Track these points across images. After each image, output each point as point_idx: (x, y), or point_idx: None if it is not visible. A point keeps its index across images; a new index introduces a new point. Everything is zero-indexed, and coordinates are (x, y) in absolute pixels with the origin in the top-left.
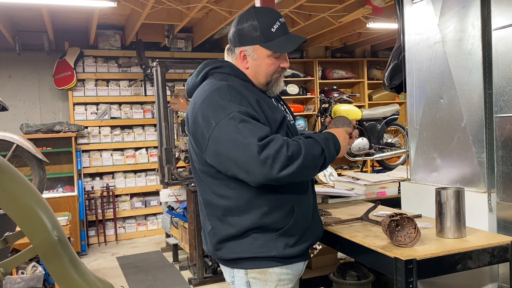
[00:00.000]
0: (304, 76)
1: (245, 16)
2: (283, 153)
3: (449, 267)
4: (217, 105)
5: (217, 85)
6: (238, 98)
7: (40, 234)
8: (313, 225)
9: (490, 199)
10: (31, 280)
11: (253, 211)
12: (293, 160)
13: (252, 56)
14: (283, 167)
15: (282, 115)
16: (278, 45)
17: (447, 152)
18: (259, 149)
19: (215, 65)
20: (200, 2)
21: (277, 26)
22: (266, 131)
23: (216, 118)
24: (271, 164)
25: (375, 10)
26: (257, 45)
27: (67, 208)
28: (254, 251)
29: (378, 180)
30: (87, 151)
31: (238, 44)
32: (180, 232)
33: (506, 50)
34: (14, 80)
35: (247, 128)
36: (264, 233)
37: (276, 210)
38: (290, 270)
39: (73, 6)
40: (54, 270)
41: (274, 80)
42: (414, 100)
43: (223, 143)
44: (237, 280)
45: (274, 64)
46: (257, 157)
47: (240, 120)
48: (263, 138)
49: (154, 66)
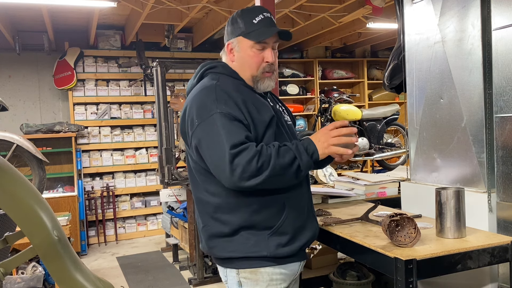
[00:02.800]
0: (304, 76)
1: (234, 15)
2: (253, 164)
3: (449, 267)
4: (202, 104)
5: (207, 84)
6: (224, 98)
7: (40, 234)
8: (307, 224)
9: (490, 199)
10: (31, 280)
11: (242, 209)
12: (262, 170)
13: (236, 48)
14: (251, 177)
15: (271, 115)
16: (257, 34)
17: (447, 152)
18: (231, 157)
19: (209, 66)
20: (200, 2)
21: (259, 19)
22: (242, 137)
23: (199, 117)
24: (240, 173)
25: (375, 10)
26: (240, 36)
27: (67, 208)
28: (246, 250)
29: (378, 180)
30: (87, 151)
31: (226, 39)
32: (180, 232)
33: (506, 50)
34: (14, 80)
35: (226, 131)
36: (255, 232)
37: (266, 208)
38: (283, 269)
39: (73, 6)
40: (54, 270)
41: (259, 76)
42: (414, 100)
43: (203, 143)
44: (229, 279)
45: (256, 56)
46: (228, 164)
47: (221, 122)
48: (236, 146)
49: (154, 66)
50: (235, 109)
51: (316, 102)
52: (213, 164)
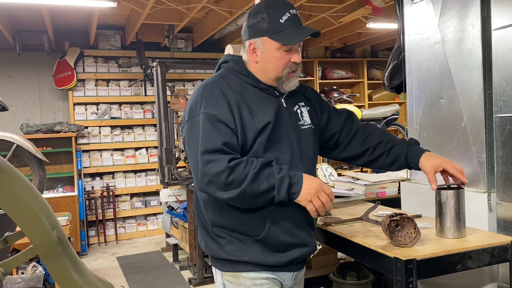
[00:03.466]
0: (304, 76)
1: (255, 8)
2: (222, 179)
3: (449, 267)
4: (194, 102)
5: (207, 81)
6: (216, 98)
7: (40, 234)
8: (298, 241)
9: (490, 199)
10: (31, 280)
11: (226, 211)
12: (231, 188)
13: (261, 48)
14: (219, 189)
15: (265, 121)
16: (287, 37)
17: (447, 152)
18: (201, 163)
19: (223, 60)
20: (200, 2)
21: (286, 18)
22: (218, 143)
23: (189, 115)
24: (207, 182)
25: (375, 10)
26: (265, 37)
27: (67, 208)
28: (229, 253)
29: (378, 180)
30: (87, 151)
31: (248, 37)
32: (180, 232)
33: (506, 50)
34: (14, 80)
35: (203, 134)
36: (239, 236)
37: (248, 217)
38: (271, 275)
39: (73, 6)
40: (54, 270)
41: (285, 76)
42: (414, 100)
43: (186, 141)
44: (217, 279)
45: (283, 58)
46: (199, 169)
47: (203, 124)
48: (209, 152)
49: (154, 66)
50: (225, 110)
51: None
52: (190, 163)
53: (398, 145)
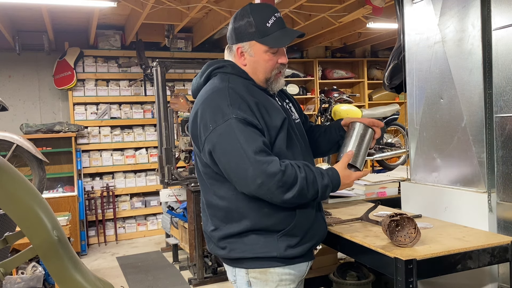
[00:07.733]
0: (304, 76)
1: (241, 13)
2: (277, 179)
3: (449, 267)
4: (216, 108)
5: (219, 86)
6: (238, 102)
7: (40, 234)
8: (316, 226)
9: (490, 199)
10: (31, 280)
11: (253, 213)
12: (289, 188)
13: (249, 52)
14: (269, 192)
15: (282, 118)
16: (274, 40)
17: (447, 152)
18: (255, 164)
19: (217, 65)
20: (200, 2)
21: (272, 21)
22: (260, 143)
23: (214, 122)
24: (260, 184)
25: (375, 10)
26: (253, 41)
27: (67, 208)
28: (256, 251)
29: (378, 180)
30: (87, 151)
31: (235, 41)
32: (180, 232)
33: (506, 50)
34: (14, 80)
35: (244, 137)
36: (265, 234)
37: (276, 212)
38: (292, 270)
39: (73, 6)
40: (54, 270)
41: (273, 77)
42: (414, 100)
43: (218, 149)
44: (238, 279)
45: (271, 60)
46: (251, 171)
47: (238, 128)
48: (257, 152)
49: (154, 66)
50: (249, 113)
51: (316, 102)
52: (230, 169)
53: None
